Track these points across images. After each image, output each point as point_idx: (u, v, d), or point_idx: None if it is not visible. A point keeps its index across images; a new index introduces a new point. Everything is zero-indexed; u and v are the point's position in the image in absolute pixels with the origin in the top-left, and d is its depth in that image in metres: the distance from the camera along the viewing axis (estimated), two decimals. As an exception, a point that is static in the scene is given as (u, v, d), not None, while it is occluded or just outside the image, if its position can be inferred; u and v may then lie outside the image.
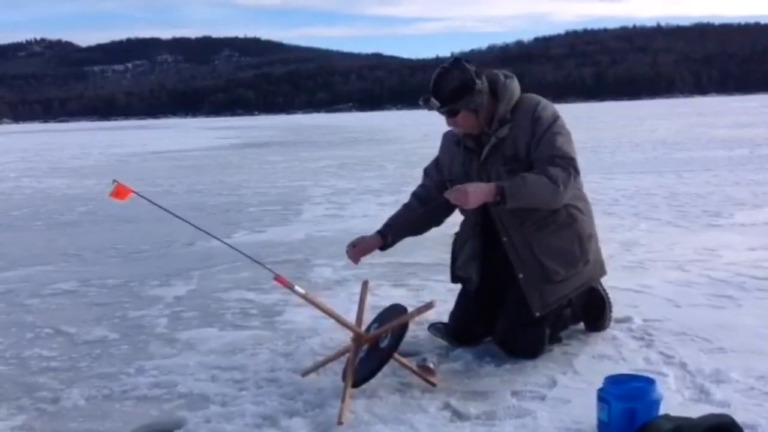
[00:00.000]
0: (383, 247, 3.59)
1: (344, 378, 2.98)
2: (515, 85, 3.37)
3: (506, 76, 3.39)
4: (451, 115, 3.30)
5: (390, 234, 3.58)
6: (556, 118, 3.31)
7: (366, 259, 5.82)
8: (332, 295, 4.64)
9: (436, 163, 3.67)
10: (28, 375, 3.47)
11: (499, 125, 3.31)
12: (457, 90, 3.22)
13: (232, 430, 2.75)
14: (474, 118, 3.30)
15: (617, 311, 3.80)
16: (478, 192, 3.10)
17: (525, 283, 3.30)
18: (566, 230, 3.33)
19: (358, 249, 3.54)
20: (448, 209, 3.59)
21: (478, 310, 3.50)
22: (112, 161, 20.68)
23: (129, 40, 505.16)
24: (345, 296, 4.59)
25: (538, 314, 3.29)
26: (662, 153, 15.26)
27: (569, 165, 3.21)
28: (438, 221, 3.68)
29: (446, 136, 3.63)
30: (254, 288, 4.94)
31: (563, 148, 3.23)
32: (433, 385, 3.04)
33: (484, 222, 3.42)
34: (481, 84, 3.27)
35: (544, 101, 3.37)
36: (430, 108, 3.26)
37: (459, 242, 3.63)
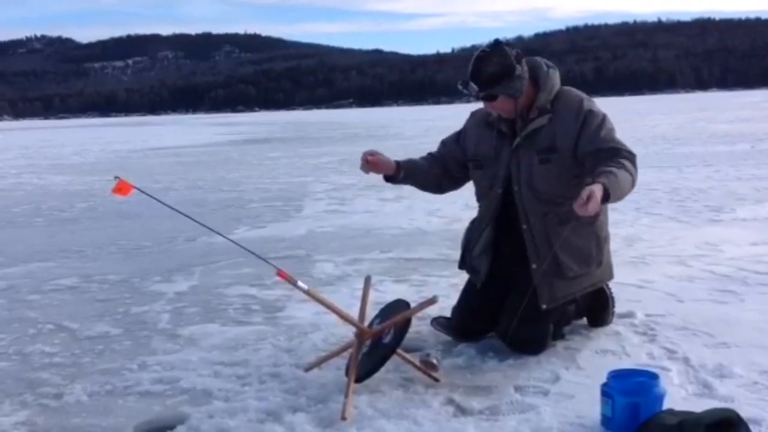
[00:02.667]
0: (391, 178, 3.51)
1: (347, 373, 2.98)
2: (557, 77, 3.36)
3: (549, 66, 3.37)
4: (489, 99, 3.27)
5: (404, 169, 3.51)
6: (604, 114, 3.30)
7: (368, 255, 5.85)
8: (334, 290, 4.64)
9: (457, 137, 3.63)
10: (31, 371, 3.47)
11: (538, 114, 3.30)
12: (496, 75, 3.18)
13: (235, 425, 2.75)
14: (512, 103, 3.27)
15: (620, 306, 3.80)
16: (598, 199, 2.84)
17: (537, 274, 3.29)
18: (586, 228, 3.32)
19: (374, 159, 3.42)
20: (457, 179, 3.62)
21: (481, 305, 3.49)
22: (112, 158, 20.67)
23: (129, 37, 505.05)
24: (347, 292, 4.58)
25: (544, 307, 3.28)
26: (663, 148, 15.25)
27: (635, 161, 3.19)
28: (441, 185, 3.66)
29: (474, 115, 3.59)
30: (256, 284, 4.94)
31: (627, 146, 3.23)
32: (436, 380, 3.04)
33: (502, 211, 3.41)
34: (521, 69, 3.22)
35: (586, 96, 3.36)
36: (469, 92, 3.22)
37: (476, 230, 3.58)
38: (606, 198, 2.89)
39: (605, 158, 3.12)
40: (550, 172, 3.27)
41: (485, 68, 3.19)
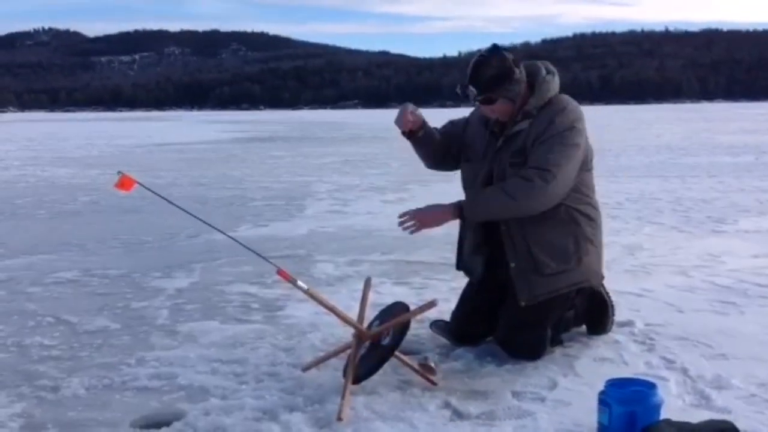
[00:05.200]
0: (412, 134, 3.47)
1: (345, 374, 2.98)
2: (554, 82, 3.34)
3: (548, 71, 3.36)
4: (487, 103, 3.28)
5: (424, 130, 3.48)
6: (571, 127, 3.23)
7: (369, 257, 5.85)
8: (334, 291, 4.64)
9: (465, 123, 3.62)
10: (29, 363, 3.48)
11: (523, 118, 3.30)
12: (495, 78, 3.20)
13: (232, 423, 2.75)
14: (510, 107, 3.30)
15: (619, 315, 3.80)
16: (434, 216, 3.29)
17: (515, 272, 3.30)
18: (563, 227, 3.30)
19: (412, 115, 3.41)
20: (456, 160, 3.60)
21: (480, 309, 3.49)
22: (116, 152, 20.68)
23: (136, 32, 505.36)
24: (347, 293, 4.58)
25: (523, 304, 3.28)
26: (667, 157, 15.24)
27: (538, 176, 3.13)
28: (443, 161, 3.63)
29: (479, 110, 3.57)
30: (256, 282, 4.94)
31: (548, 159, 3.16)
32: (434, 383, 3.04)
33: None
34: (519, 73, 3.25)
35: (572, 107, 3.31)
36: (468, 96, 3.24)
37: (464, 229, 3.60)
38: (462, 216, 3.29)
39: (514, 173, 3.22)
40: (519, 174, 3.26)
41: (484, 72, 3.22)
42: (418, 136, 3.49)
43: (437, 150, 3.59)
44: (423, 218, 3.27)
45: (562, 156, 3.18)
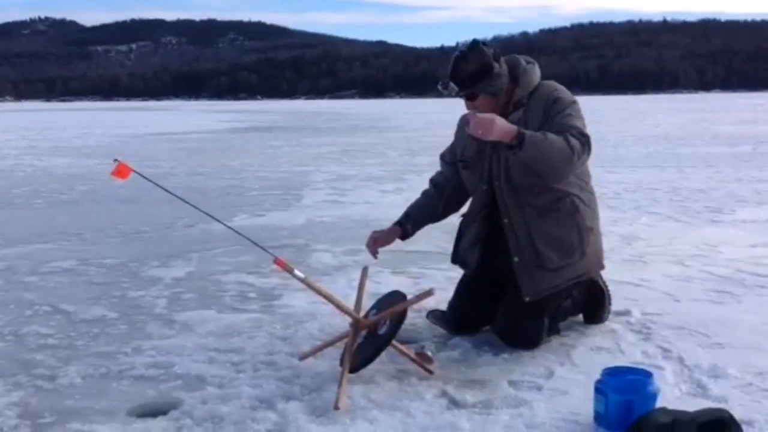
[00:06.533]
0: (403, 237, 3.62)
1: (342, 363, 2.98)
2: (535, 72, 3.36)
3: (528, 62, 3.38)
4: (470, 99, 3.29)
5: (409, 223, 3.60)
6: (573, 101, 3.30)
7: (365, 247, 5.83)
8: (331, 280, 4.64)
9: (451, 147, 3.66)
10: (26, 352, 3.47)
11: (514, 109, 3.31)
12: (475, 73, 3.21)
13: (228, 411, 2.75)
14: (493, 102, 3.30)
15: (616, 304, 3.80)
16: (501, 126, 3.07)
17: (519, 267, 3.30)
18: (567, 220, 3.31)
19: (377, 243, 3.57)
20: (466, 194, 3.60)
21: (477, 299, 3.50)
22: (113, 142, 20.64)
23: (133, 21, 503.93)
24: (344, 282, 4.58)
25: (527, 299, 3.28)
26: (665, 148, 15.23)
27: (586, 141, 3.16)
28: (458, 205, 3.68)
29: (463, 119, 3.60)
30: (253, 271, 4.94)
31: (580, 127, 3.21)
32: (431, 372, 3.04)
33: (490, 206, 3.42)
34: (500, 67, 3.26)
35: (562, 88, 3.36)
36: (449, 92, 3.25)
37: (466, 224, 3.61)
38: (519, 145, 3.04)
39: (560, 133, 3.16)
40: (524, 161, 3.27)
41: (464, 67, 3.22)
42: (410, 234, 3.63)
43: (441, 207, 3.63)
44: (489, 125, 3.04)
45: (583, 126, 3.23)
